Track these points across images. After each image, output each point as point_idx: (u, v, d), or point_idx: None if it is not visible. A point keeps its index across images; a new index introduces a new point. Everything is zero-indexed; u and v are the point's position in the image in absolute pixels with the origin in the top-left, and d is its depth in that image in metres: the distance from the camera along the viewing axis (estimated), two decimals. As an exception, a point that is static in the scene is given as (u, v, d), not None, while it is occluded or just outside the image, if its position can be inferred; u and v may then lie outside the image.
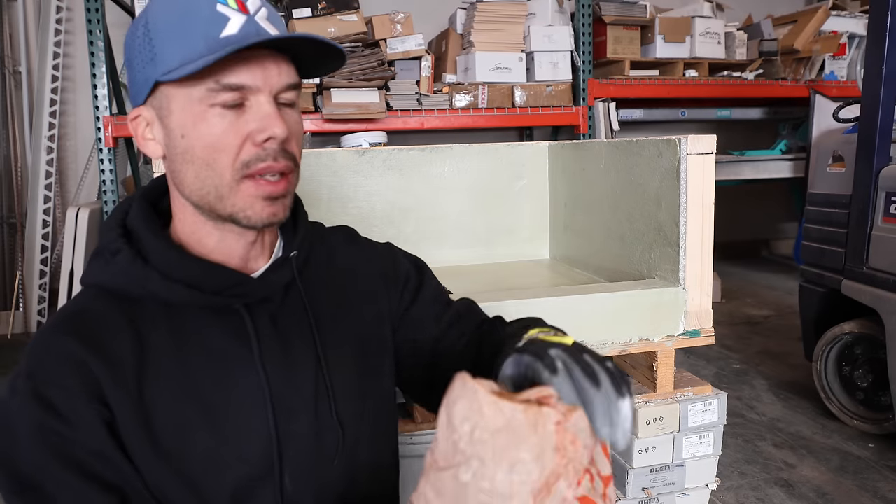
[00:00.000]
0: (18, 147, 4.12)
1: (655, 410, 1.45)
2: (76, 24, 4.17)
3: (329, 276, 0.88)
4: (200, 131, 0.70)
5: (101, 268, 0.76)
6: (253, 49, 0.69)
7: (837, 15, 4.31)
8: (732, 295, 4.45)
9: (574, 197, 1.84)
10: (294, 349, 0.80)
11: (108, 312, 0.73)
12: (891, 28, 2.19)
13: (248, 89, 0.70)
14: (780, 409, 2.67)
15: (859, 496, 2.03)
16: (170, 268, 0.74)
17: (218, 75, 0.69)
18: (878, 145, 2.25)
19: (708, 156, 1.39)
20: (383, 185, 1.84)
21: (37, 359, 0.71)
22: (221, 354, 0.75)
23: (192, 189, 0.73)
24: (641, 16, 3.94)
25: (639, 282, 1.50)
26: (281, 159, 0.72)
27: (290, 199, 0.76)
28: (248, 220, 0.73)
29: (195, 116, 0.70)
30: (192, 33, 0.69)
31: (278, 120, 0.70)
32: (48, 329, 0.73)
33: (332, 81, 3.35)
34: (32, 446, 0.67)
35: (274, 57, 0.72)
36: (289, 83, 0.73)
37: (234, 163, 0.71)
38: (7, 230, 4.14)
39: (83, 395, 0.69)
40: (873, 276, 2.26)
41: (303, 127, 0.78)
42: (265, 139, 0.70)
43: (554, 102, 3.76)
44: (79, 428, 0.68)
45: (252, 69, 0.70)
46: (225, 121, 0.70)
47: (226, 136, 0.70)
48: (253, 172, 0.71)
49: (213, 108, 0.70)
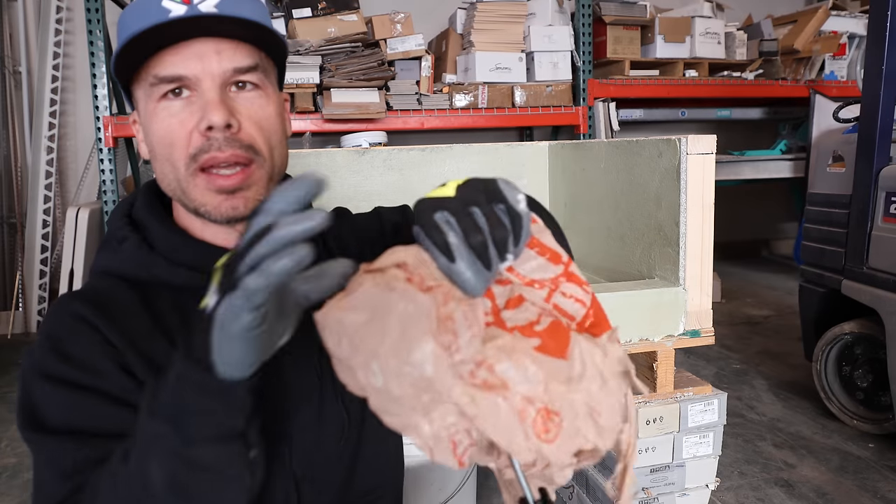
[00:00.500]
0: (18, 147, 4.12)
1: (655, 410, 1.45)
2: (76, 24, 4.17)
3: (326, 258, 0.88)
4: (153, 127, 0.71)
5: (109, 256, 0.77)
6: (192, 39, 0.68)
7: (837, 15, 4.31)
8: (732, 295, 4.45)
9: (574, 197, 1.84)
10: (297, 332, 0.80)
11: (118, 291, 0.75)
12: (891, 28, 2.19)
13: (186, 79, 0.69)
14: (780, 409, 2.67)
15: (859, 496, 2.03)
16: (174, 251, 0.75)
17: (155, 69, 0.69)
18: (878, 145, 2.25)
19: (708, 156, 1.39)
20: (383, 185, 1.84)
21: (52, 323, 0.72)
22: None
23: (164, 184, 0.75)
24: (641, 16, 3.94)
25: (639, 282, 1.50)
26: (227, 149, 0.69)
27: (255, 190, 0.72)
28: (209, 215, 0.72)
29: (149, 113, 0.71)
30: (137, 28, 0.68)
31: (216, 106, 0.68)
32: (61, 300, 0.75)
33: (331, 81, 3.35)
34: (56, 396, 0.67)
35: (215, 43, 0.69)
36: (235, 66, 0.70)
37: (185, 155, 0.70)
38: (7, 230, 4.14)
39: (100, 351, 0.70)
40: (873, 276, 2.26)
41: (271, 112, 0.74)
42: (206, 128, 0.69)
43: (554, 102, 3.77)
44: (101, 375, 0.69)
45: (186, 58, 0.68)
46: (171, 114, 0.70)
47: (173, 129, 0.70)
48: (201, 165, 0.70)
49: (161, 103, 0.70)
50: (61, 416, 0.67)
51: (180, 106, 0.70)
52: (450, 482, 1.68)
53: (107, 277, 0.76)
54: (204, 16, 0.67)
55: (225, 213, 0.71)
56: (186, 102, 0.70)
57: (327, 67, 3.36)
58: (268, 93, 0.74)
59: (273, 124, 0.75)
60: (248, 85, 0.72)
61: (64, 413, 0.67)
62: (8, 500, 2.17)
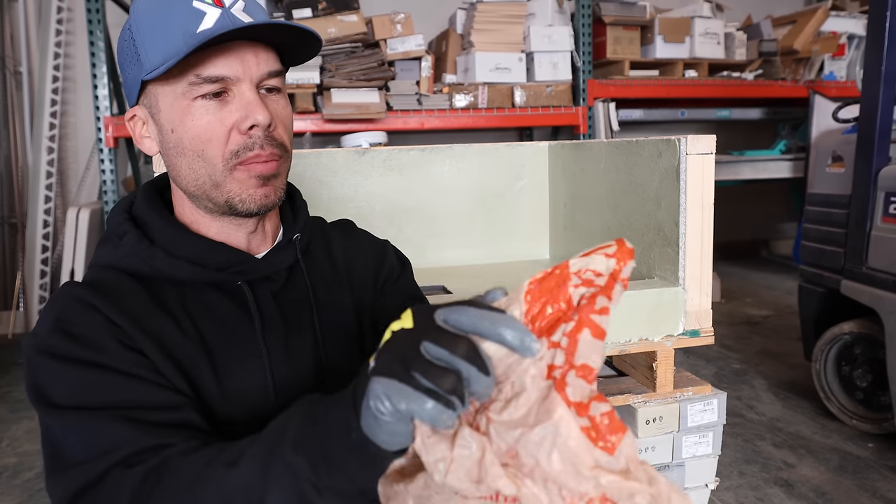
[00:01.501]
0: (19, 147, 4.13)
1: (655, 410, 1.46)
2: (77, 24, 4.17)
3: (328, 265, 0.90)
4: (187, 125, 0.73)
5: (110, 250, 0.79)
6: (231, 41, 0.72)
7: (837, 15, 4.31)
8: (732, 295, 4.45)
9: (574, 197, 1.84)
10: (295, 328, 0.82)
11: (119, 281, 0.76)
12: (890, 28, 2.19)
13: (228, 80, 0.72)
14: (780, 409, 2.67)
15: (858, 496, 2.04)
16: (174, 245, 0.77)
17: (198, 69, 0.71)
18: (877, 145, 2.26)
19: (707, 156, 1.39)
20: (383, 185, 1.84)
21: (58, 307, 0.72)
22: (227, 324, 0.78)
23: (188, 180, 0.76)
24: (641, 16, 3.95)
25: (638, 282, 1.50)
26: (267, 147, 0.74)
27: (281, 181, 0.78)
28: (243, 204, 0.75)
29: (181, 111, 0.73)
30: (171, 31, 0.71)
31: (260, 107, 0.72)
32: (63, 288, 0.75)
33: (332, 82, 3.36)
34: (66, 374, 0.68)
35: (252, 47, 0.73)
36: (269, 70, 0.75)
37: (224, 152, 0.73)
38: (8, 230, 4.15)
39: (105, 330, 0.70)
40: (872, 276, 2.27)
41: (290, 113, 0.80)
42: (249, 127, 0.73)
43: (554, 103, 3.77)
44: (108, 353, 0.69)
45: (230, 60, 0.72)
46: (209, 112, 0.73)
47: (212, 127, 0.73)
48: (243, 161, 0.74)
49: (197, 101, 0.73)
50: (73, 392, 0.67)
51: (217, 105, 0.73)
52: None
53: (109, 272, 0.77)
54: (253, 26, 0.70)
55: (259, 200, 0.75)
56: (222, 102, 0.73)
57: (327, 68, 3.37)
58: (285, 96, 0.80)
59: (292, 124, 0.80)
60: (273, 88, 0.77)
61: (75, 390, 0.68)
62: (8, 499, 2.17)
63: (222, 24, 0.71)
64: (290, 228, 0.86)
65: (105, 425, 0.66)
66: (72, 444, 0.66)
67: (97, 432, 0.65)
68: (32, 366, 0.70)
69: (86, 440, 0.65)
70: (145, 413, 0.67)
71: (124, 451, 0.64)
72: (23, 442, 2.57)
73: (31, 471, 2.34)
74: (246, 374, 0.77)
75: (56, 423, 0.67)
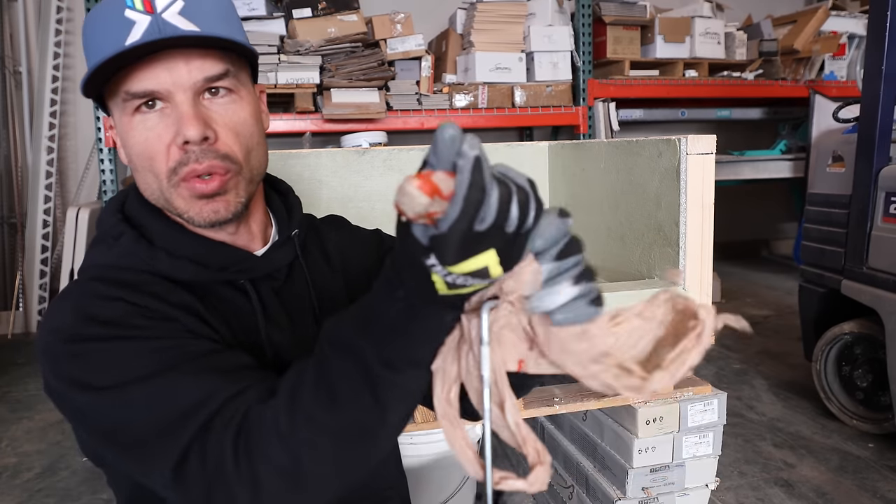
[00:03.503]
0: (19, 147, 4.13)
1: (655, 410, 1.46)
2: (76, 24, 4.17)
3: (323, 260, 0.90)
4: (130, 141, 0.71)
5: (104, 252, 0.76)
6: (160, 51, 0.67)
7: (837, 15, 4.31)
8: (732, 295, 4.45)
9: (574, 197, 1.84)
10: (299, 325, 0.81)
11: (124, 276, 0.74)
12: (890, 28, 2.19)
13: (157, 93, 0.69)
14: (780, 409, 2.67)
15: (859, 496, 2.04)
16: (175, 245, 0.75)
17: (126, 85, 0.68)
18: (877, 145, 2.26)
19: (708, 156, 1.39)
20: (383, 185, 1.84)
21: (73, 299, 0.69)
22: (231, 322, 0.76)
23: (147, 193, 0.75)
24: (641, 16, 3.95)
25: (638, 282, 1.50)
26: (204, 160, 0.69)
27: (234, 194, 0.73)
28: (192, 221, 0.73)
29: (125, 126, 0.71)
30: (103, 45, 0.67)
31: (191, 120, 0.68)
32: (73, 285, 0.72)
33: (331, 81, 3.36)
34: (109, 353, 0.65)
35: (184, 54, 0.69)
36: (206, 76, 0.70)
37: (165, 169, 0.71)
38: (7, 230, 4.15)
39: (135, 313, 0.68)
40: (873, 276, 2.26)
41: (246, 116, 0.74)
42: (183, 142, 0.69)
43: (554, 102, 3.77)
44: (146, 328, 0.67)
45: (156, 71, 0.68)
46: (147, 128, 0.70)
47: (150, 143, 0.70)
48: (182, 177, 0.70)
49: (135, 117, 0.70)
50: (124, 368, 0.64)
51: (156, 119, 0.70)
52: (450, 482, 1.68)
53: (106, 270, 0.74)
54: (171, 38, 0.66)
55: (207, 217, 0.72)
56: (161, 115, 0.70)
57: (327, 67, 3.37)
58: (241, 95, 0.74)
59: (248, 128, 0.74)
60: (221, 90, 0.72)
61: (128, 363, 0.64)
62: (8, 500, 2.17)
63: (148, 35, 0.66)
64: (286, 226, 0.85)
65: (178, 384, 0.62)
66: (145, 411, 0.62)
67: (172, 393, 0.62)
68: (58, 358, 0.66)
69: (163, 402, 0.62)
70: (207, 361, 0.65)
71: (213, 404, 0.61)
72: (22, 442, 2.57)
73: (30, 471, 2.34)
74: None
75: (118, 403, 0.63)
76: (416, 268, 0.47)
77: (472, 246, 0.45)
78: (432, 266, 0.46)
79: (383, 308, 0.53)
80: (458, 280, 0.47)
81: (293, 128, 3.42)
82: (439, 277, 0.47)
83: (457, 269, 0.46)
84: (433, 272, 0.47)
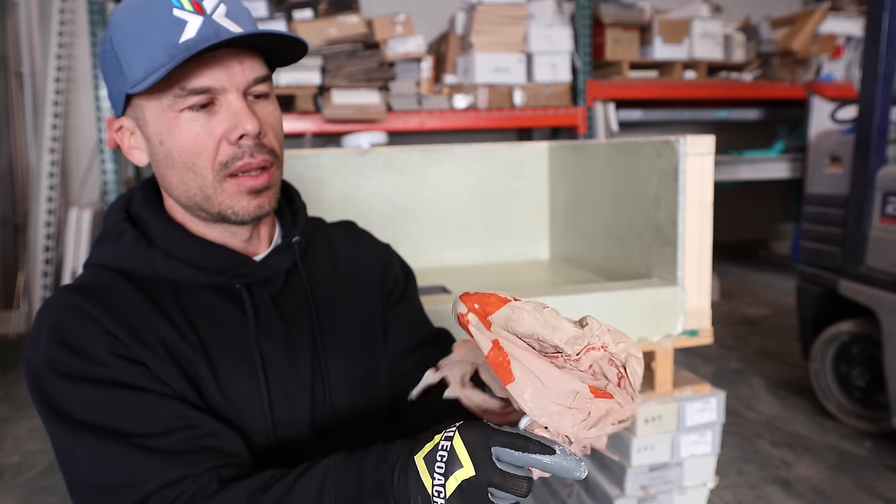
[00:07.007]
0: (21, 147, 4.14)
1: (654, 409, 1.47)
2: (79, 25, 4.18)
3: (329, 265, 0.90)
4: (175, 137, 0.72)
5: (107, 249, 0.78)
6: (215, 49, 0.70)
7: (835, 16, 4.32)
8: (731, 294, 4.46)
9: (573, 197, 1.85)
10: (294, 332, 0.82)
11: (115, 283, 0.76)
12: (887, 30, 2.21)
13: (214, 90, 0.71)
14: (778, 408, 2.68)
15: (856, 494, 2.05)
16: (173, 246, 0.76)
17: (182, 81, 0.70)
18: (874, 146, 2.27)
19: (706, 156, 1.40)
20: (383, 185, 1.86)
21: (54, 317, 0.72)
22: (224, 327, 0.77)
23: (179, 192, 0.76)
24: (640, 17, 3.96)
25: (637, 281, 1.52)
26: (258, 154, 0.73)
27: (274, 190, 0.77)
28: (236, 216, 0.75)
29: (169, 123, 0.72)
30: (153, 43, 0.69)
31: (249, 116, 0.72)
32: (58, 293, 0.75)
33: (332, 82, 3.37)
34: (76, 392, 0.69)
35: (237, 54, 0.72)
36: (255, 77, 0.74)
37: (214, 164, 0.72)
38: (10, 230, 4.16)
39: (104, 343, 0.70)
40: (870, 275, 2.28)
41: (279, 117, 0.79)
42: (239, 137, 0.72)
43: (553, 103, 3.78)
44: (110, 366, 0.70)
45: (215, 70, 0.71)
46: (197, 124, 0.72)
47: (200, 139, 0.72)
48: (233, 171, 0.73)
49: (184, 113, 0.72)
50: (87, 410, 0.68)
51: (205, 116, 0.72)
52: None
53: (105, 273, 0.76)
54: (236, 37, 0.69)
55: (253, 211, 0.75)
56: (210, 112, 0.72)
57: (328, 69, 3.38)
58: (274, 99, 0.78)
59: (281, 128, 0.79)
60: (262, 94, 0.75)
61: (90, 407, 0.68)
62: (11, 498, 2.18)
63: (205, 34, 0.69)
64: (289, 231, 0.85)
65: (124, 455, 0.67)
66: (92, 465, 0.67)
67: (117, 461, 0.66)
68: (39, 380, 0.70)
69: (107, 466, 0.67)
70: (162, 439, 0.68)
71: (148, 487, 0.66)
72: (25, 441, 2.58)
73: (33, 469, 2.35)
74: (241, 380, 0.76)
75: (74, 442, 0.68)
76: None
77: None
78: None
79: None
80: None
81: (294, 128, 3.44)
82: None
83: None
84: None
